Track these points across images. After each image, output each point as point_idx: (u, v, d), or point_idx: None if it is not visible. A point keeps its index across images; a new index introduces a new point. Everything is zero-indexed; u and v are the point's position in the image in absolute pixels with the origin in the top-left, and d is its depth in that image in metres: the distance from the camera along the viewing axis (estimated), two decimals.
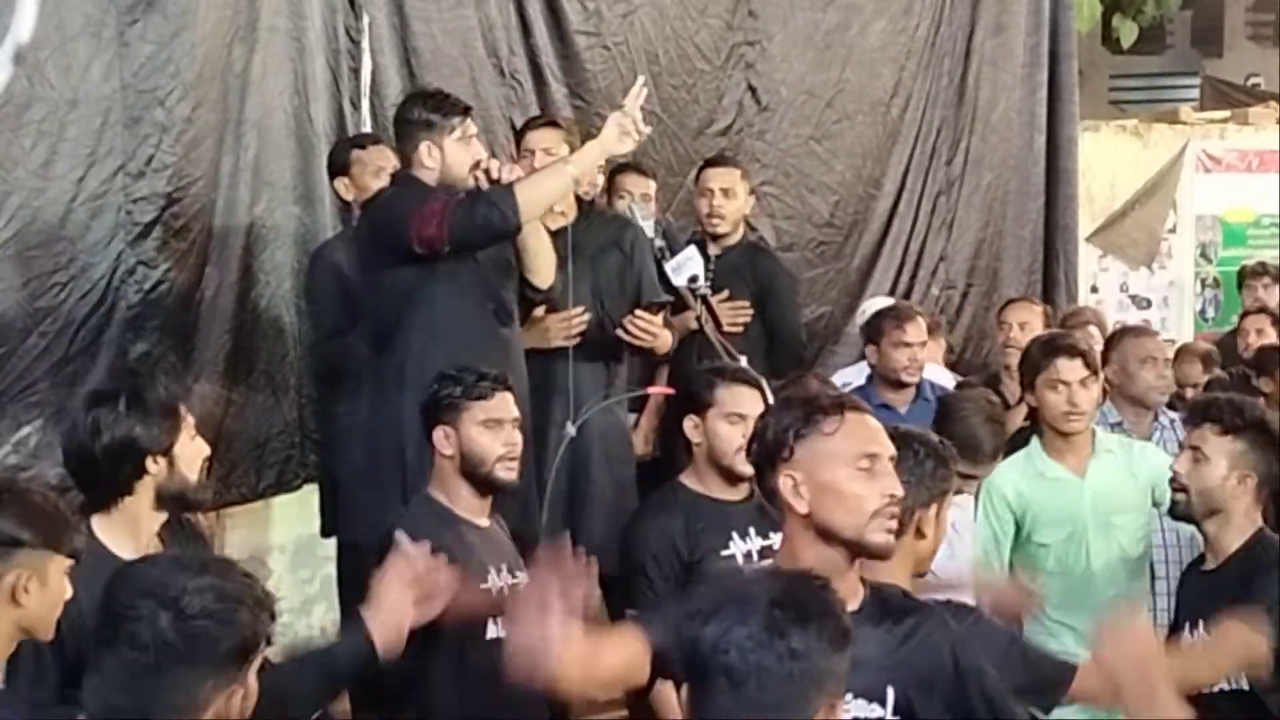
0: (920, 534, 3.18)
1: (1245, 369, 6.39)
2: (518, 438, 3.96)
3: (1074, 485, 4.61)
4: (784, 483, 2.72)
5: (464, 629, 3.74)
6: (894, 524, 2.71)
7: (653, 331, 5.04)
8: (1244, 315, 6.83)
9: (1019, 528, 4.63)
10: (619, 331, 5.04)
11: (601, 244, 5.18)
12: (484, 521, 3.96)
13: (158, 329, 5.13)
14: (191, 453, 3.36)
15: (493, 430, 3.90)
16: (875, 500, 2.69)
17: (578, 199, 5.20)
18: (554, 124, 5.30)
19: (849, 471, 2.69)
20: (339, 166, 5.37)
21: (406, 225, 4.46)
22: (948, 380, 5.97)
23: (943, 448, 3.29)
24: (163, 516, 3.36)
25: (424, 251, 4.46)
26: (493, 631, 3.81)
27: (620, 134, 4.58)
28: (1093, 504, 4.60)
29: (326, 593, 6.27)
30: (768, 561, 3.71)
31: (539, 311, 5.00)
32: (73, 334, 5.00)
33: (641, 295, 5.19)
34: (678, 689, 3.01)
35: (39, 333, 4.95)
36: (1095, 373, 4.69)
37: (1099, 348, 5.35)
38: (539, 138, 5.16)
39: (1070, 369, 4.57)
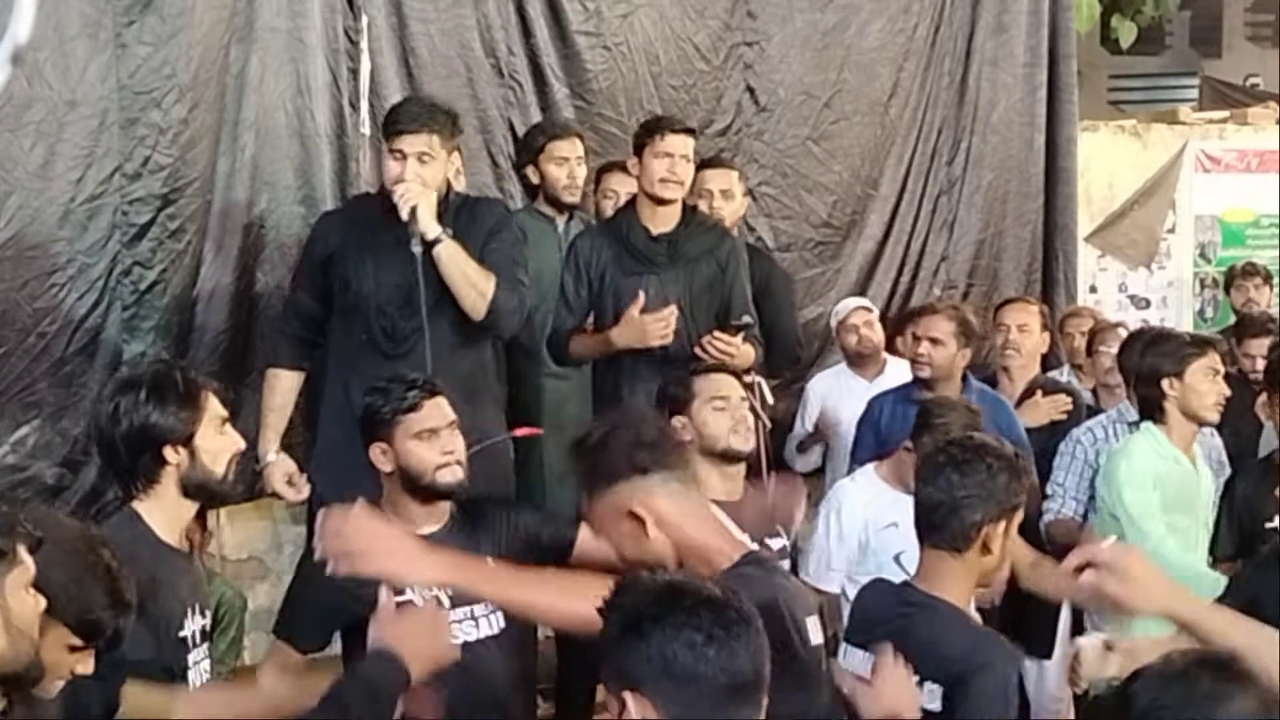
0: (987, 550, 3.09)
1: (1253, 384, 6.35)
2: (455, 443, 3.85)
3: (1194, 476, 4.66)
4: None
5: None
6: None
7: (730, 352, 4.94)
8: (1241, 329, 6.75)
9: None
10: (697, 349, 4.97)
11: (698, 253, 5.16)
12: (429, 529, 3.84)
13: (153, 329, 5.15)
14: (218, 445, 3.36)
15: (428, 441, 3.80)
16: None
17: (684, 206, 5.20)
18: (691, 130, 5.27)
19: None
20: None
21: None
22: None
23: (1017, 460, 3.16)
24: (194, 505, 3.40)
25: None
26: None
27: None
28: (1205, 495, 4.69)
29: None
30: None
31: (633, 311, 4.97)
32: (70, 334, 5.02)
33: (731, 309, 5.16)
34: None
35: (37, 333, 4.96)
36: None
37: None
38: (680, 144, 5.13)
39: (1221, 362, 4.66)
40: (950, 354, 5.50)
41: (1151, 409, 4.68)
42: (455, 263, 4.61)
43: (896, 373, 5.94)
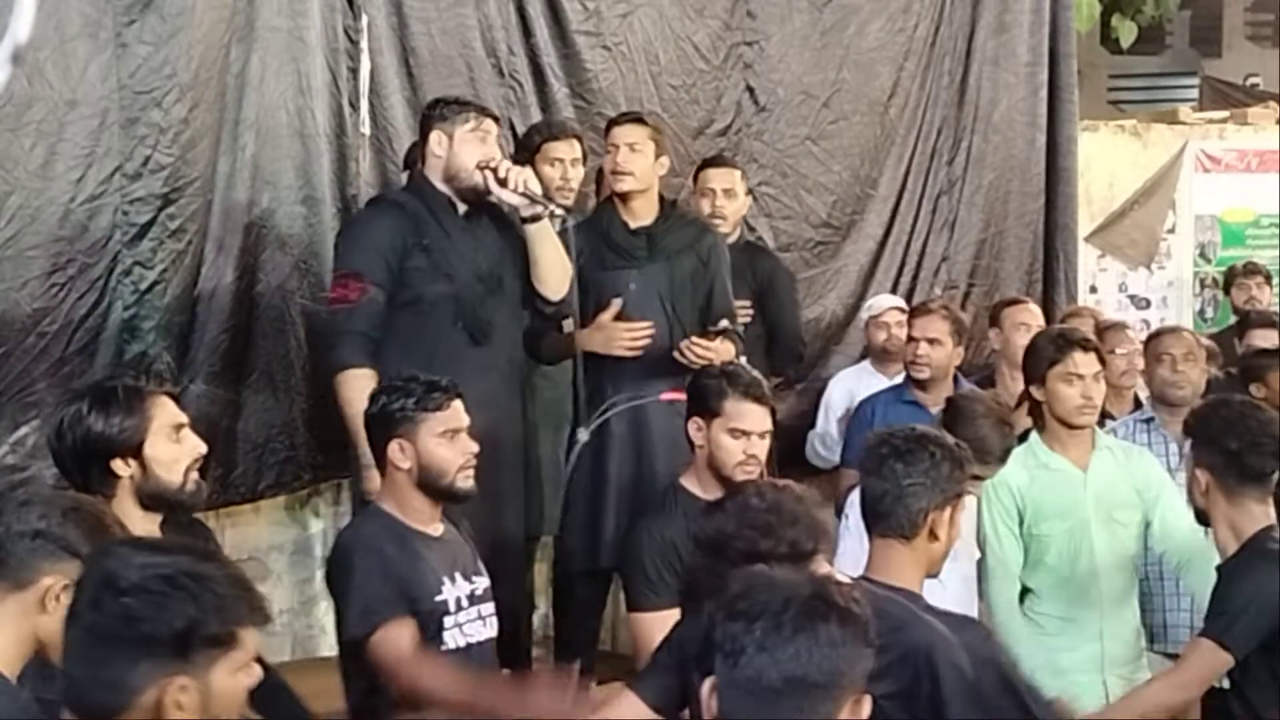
0: (934, 536, 3.19)
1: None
2: (474, 445, 3.88)
3: (1077, 478, 4.62)
4: None
5: (422, 643, 3.72)
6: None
7: (709, 356, 4.90)
8: (1245, 323, 6.78)
9: (1021, 520, 4.64)
10: (675, 353, 4.95)
11: (679, 247, 5.15)
12: (436, 529, 3.89)
13: (154, 329, 5.14)
14: (171, 454, 3.30)
15: (450, 441, 3.82)
16: None
17: (661, 199, 5.20)
18: (639, 119, 5.27)
19: None
20: (412, 162, 5.40)
21: (334, 277, 4.63)
22: None
23: (958, 450, 3.27)
24: (156, 517, 3.32)
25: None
26: (451, 642, 3.79)
27: None
28: (1095, 497, 4.62)
29: (326, 593, 6.25)
30: None
31: (606, 316, 4.99)
32: (70, 334, 5.00)
33: (712, 304, 5.16)
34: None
35: (37, 333, 4.95)
36: (1104, 366, 4.71)
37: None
38: (625, 133, 5.13)
39: (1086, 362, 4.60)
40: (948, 353, 5.58)
41: (1035, 416, 4.70)
42: (552, 239, 4.70)
43: None
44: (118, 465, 3.25)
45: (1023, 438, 4.83)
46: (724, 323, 5.10)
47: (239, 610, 2.21)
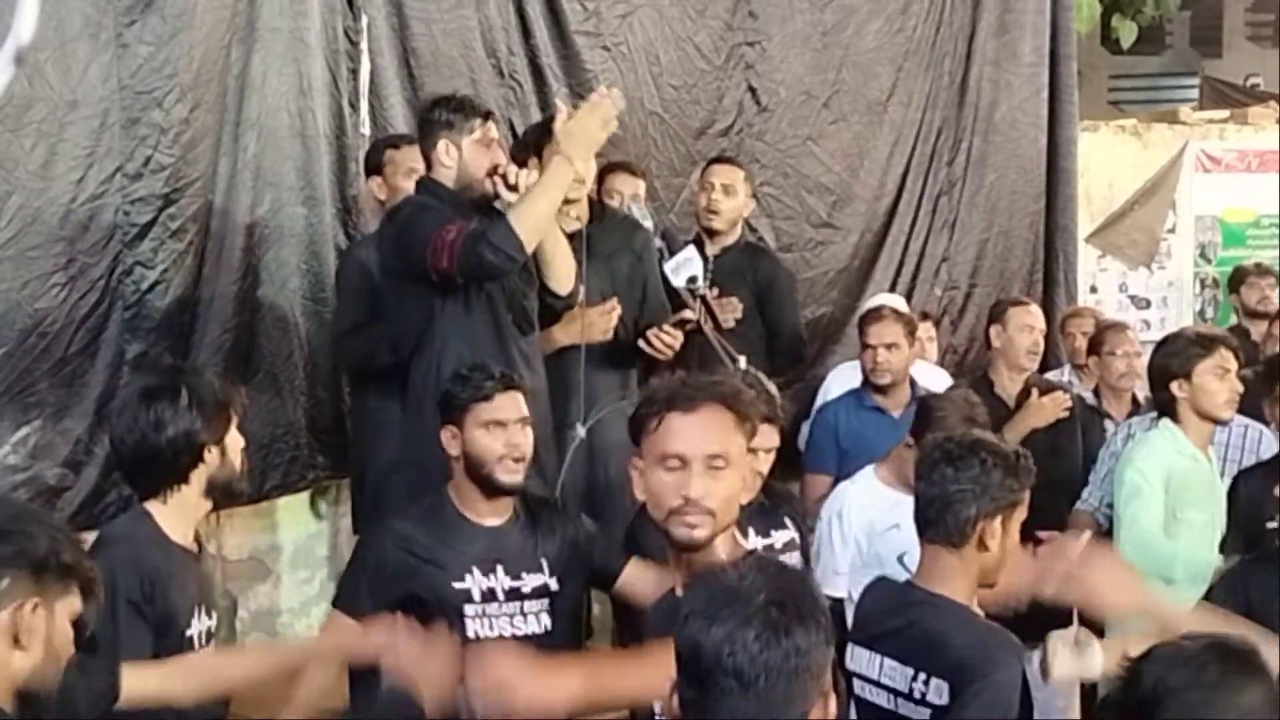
0: (984, 546, 3.11)
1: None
2: (521, 438, 3.93)
3: (1211, 473, 4.72)
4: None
5: (438, 630, 3.74)
6: (696, 522, 2.73)
7: (674, 346, 4.96)
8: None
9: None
10: (640, 342, 4.99)
11: (615, 247, 5.16)
12: (492, 521, 3.94)
13: (155, 329, 5.14)
14: (237, 442, 3.53)
15: (493, 431, 3.89)
16: (673, 499, 2.74)
17: (590, 201, 5.20)
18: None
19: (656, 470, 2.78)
20: (373, 166, 5.38)
21: (425, 254, 4.44)
22: (940, 381, 5.96)
23: (1015, 458, 3.18)
24: (208, 504, 3.53)
25: (440, 282, 4.47)
26: (475, 632, 3.82)
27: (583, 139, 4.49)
28: (1221, 493, 4.71)
29: (326, 593, 6.26)
30: None
31: (576, 309, 4.98)
32: (71, 334, 5.01)
33: (647, 297, 5.18)
34: None
35: (38, 333, 4.96)
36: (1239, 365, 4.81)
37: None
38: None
39: (1231, 358, 4.69)
40: (905, 356, 5.66)
41: (1167, 410, 4.72)
42: (559, 237, 4.74)
43: (918, 370, 5.95)
44: (206, 454, 3.46)
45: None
46: (687, 313, 5.10)
47: (84, 560, 2.53)
